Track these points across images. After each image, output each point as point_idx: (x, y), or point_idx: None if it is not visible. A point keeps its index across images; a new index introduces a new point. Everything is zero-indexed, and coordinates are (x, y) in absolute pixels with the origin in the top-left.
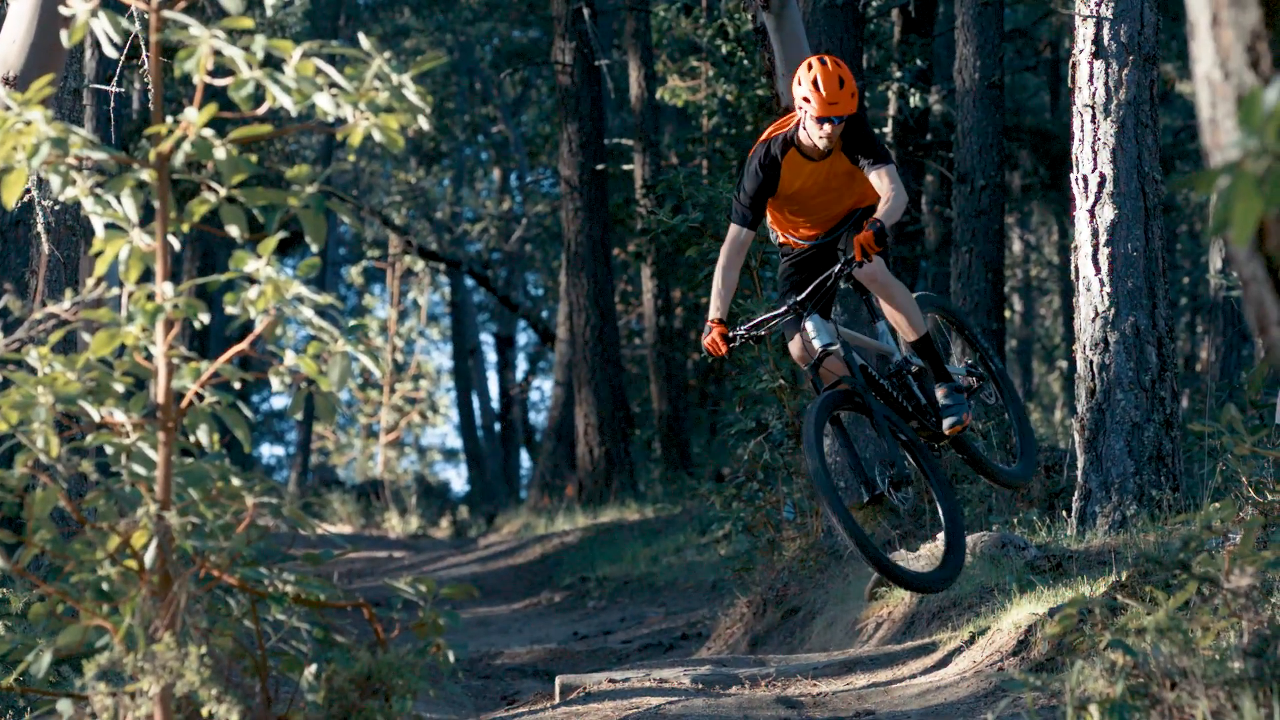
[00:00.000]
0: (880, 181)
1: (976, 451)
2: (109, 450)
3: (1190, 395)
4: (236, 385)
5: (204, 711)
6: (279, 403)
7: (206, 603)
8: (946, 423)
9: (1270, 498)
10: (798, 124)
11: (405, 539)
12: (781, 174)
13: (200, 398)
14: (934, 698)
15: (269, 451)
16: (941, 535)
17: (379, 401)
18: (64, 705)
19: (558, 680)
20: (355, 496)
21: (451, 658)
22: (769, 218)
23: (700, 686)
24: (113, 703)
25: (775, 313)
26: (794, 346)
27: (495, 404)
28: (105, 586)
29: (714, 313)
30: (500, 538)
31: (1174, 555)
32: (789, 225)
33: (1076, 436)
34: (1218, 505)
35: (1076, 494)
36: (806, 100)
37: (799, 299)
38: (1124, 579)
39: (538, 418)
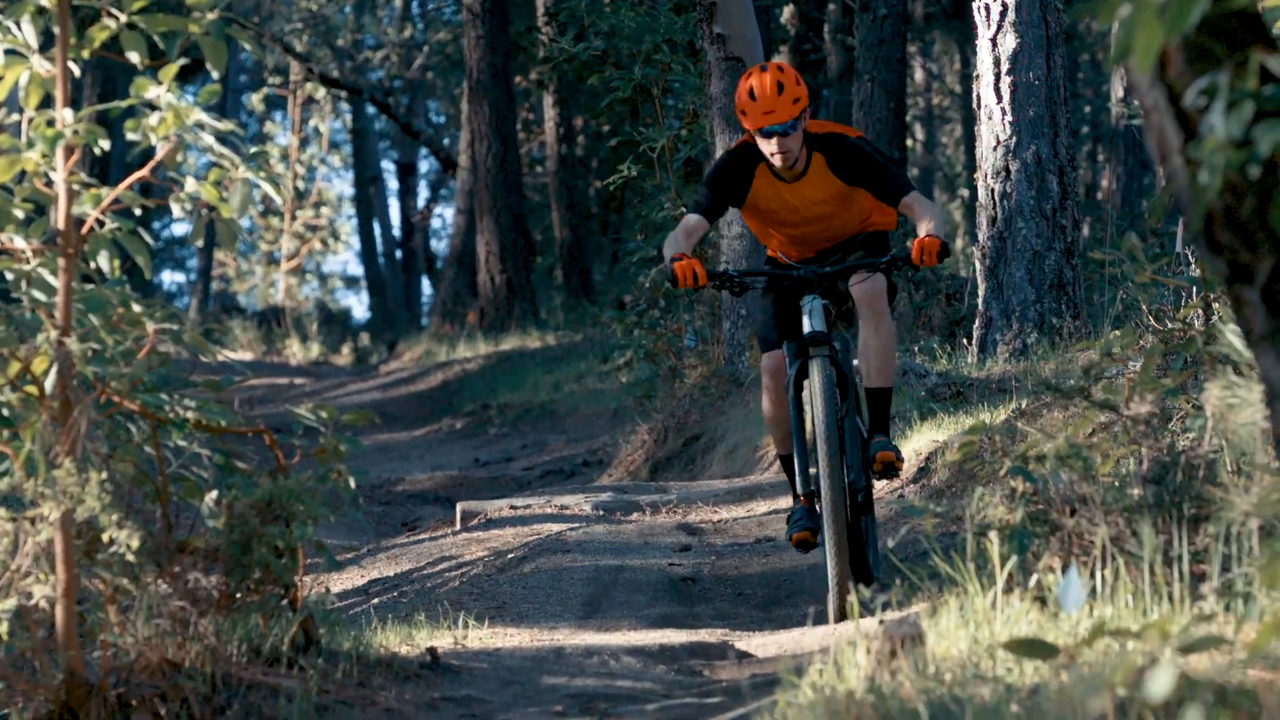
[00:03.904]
0: (914, 205)
1: (867, 528)
2: (9, 276)
3: (1091, 223)
4: (137, 211)
5: (104, 537)
6: (180, 229)
7: (107, 429)
8: (878, 454)
9: (1170, 325)
10: None
11: (306, 366)
12: (753, 184)
13: (101, 224)
14: None
15: (170, 278)
16: None
17: (280, 228)
18: None
19: (459, 507)
20: (256, 323)
21: (352, 484)
22: (750, 226)
23: (601, 513)
24: (13, 528)
25: (780, 272)
26: (773, 357)
27: (397, 231)
28: (5, 412)
29: (680, 251)
30: (401, 365)
31: (1074, 383)
32: (770, 240)
33: (977, 264)
34: (1118, 333)
35: (977, 322)
36: (743, 114)
37: (818, 269)
38: (1024, 406)
39: (439, 245)
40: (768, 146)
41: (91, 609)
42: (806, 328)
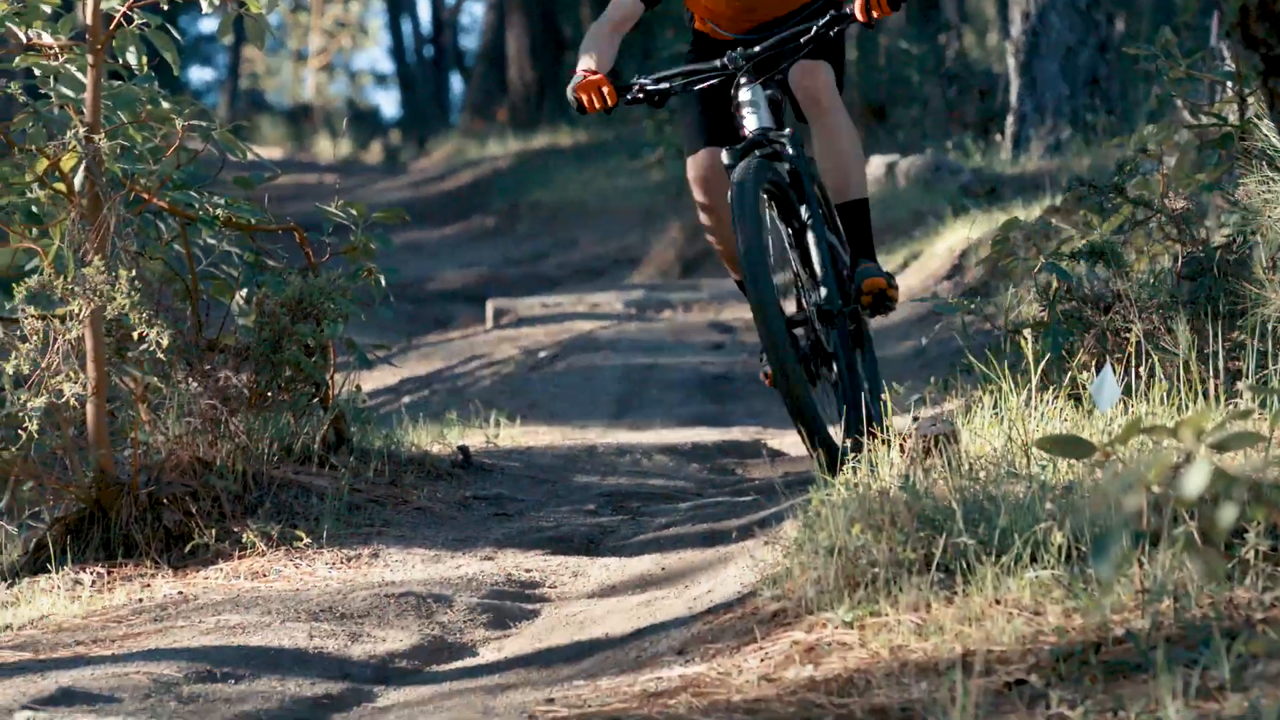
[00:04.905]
0: None
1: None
2: (37, 72)
3: (1125, 18)
4: (165, 7)
5: (135, 335)
6: (208, 25)
7: (136, 226)
8: (865, 281)
9: (1205, 120)
10: None
11: (336, 163)
12: None
13: (129, 19)
14: None
15: (198, 75)
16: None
17: (308, 24)
18: None
19: (490, 304)
20: (285, 120)
21: (383, 281)
22: None
23: (633, 311)
24: (43, 326)
25: (704, 67)
26: (698, 162)
27: (426, 27)
28: (34, 209)
29: (587, 64)
30: (431, 162)
31: (1108, 178)
32: (707, 9)
33: (1011, 60)
34: (1152, 128)
35: (1011, 118)
36: None
37: (748, 52)
38: (1058, 202)
39: (469, 41)
40: None
41: (122, 407)
42: (750, 125)
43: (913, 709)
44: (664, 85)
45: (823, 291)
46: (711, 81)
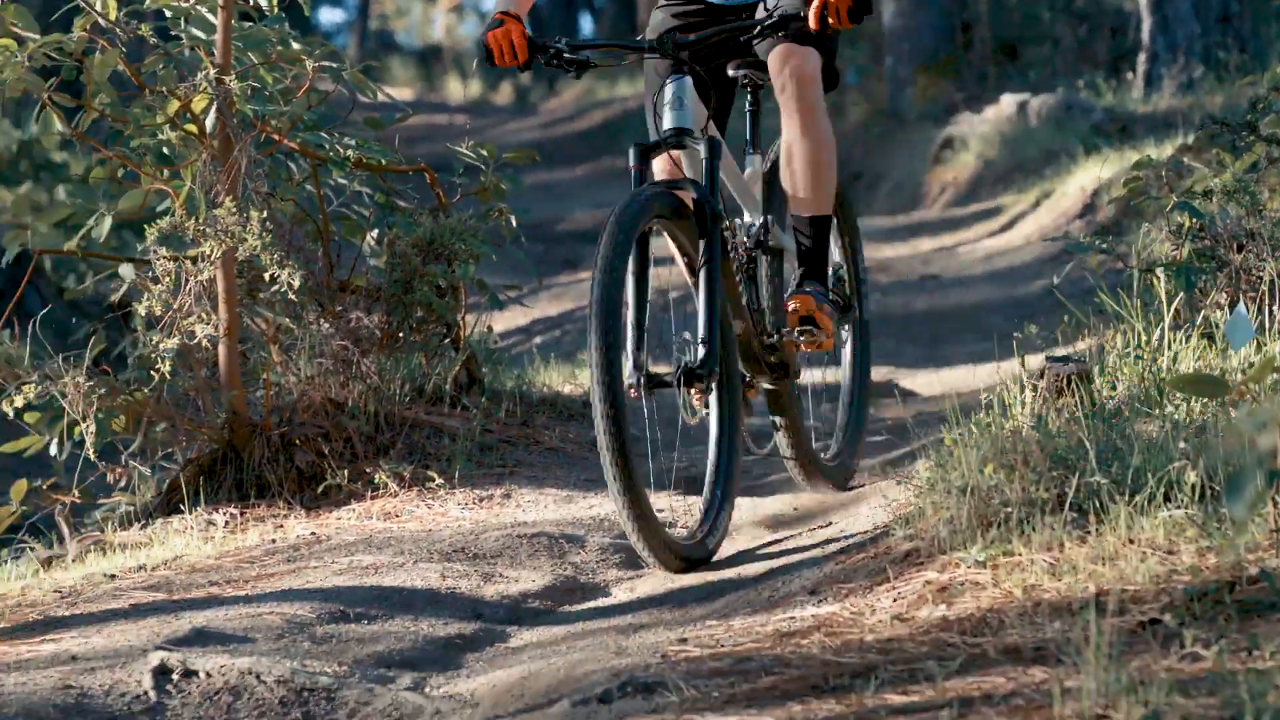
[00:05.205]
0: None
1: (794, 410)
2: (168, 14)
3: None
4: None
5: (266, 276)
6: None
7: (267, 167)
8: (792, 303)
9: None
10: None
11: (466, 104)
12: None
13: None
14: (999, 261)
15: (328, 17)
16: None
17: None
18: (126, 270)
19: None
20: (415, 61)
21: (514, 222)
22: None
23: None
24: (175, 267)
25: (629, 42)
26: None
27: None
28: (166, 151)
29: (502, 5)
30: (561, 103)
31: (1241, 117)
32: None
33: None
34: None
35: (1142, 56)
36: None
37: (682, 37)
38: (1190, 141)
39: None
40: None
41: (254, 348)
42: (667, 122)
43: (1046, 648)
44: (583, 54)
45: (700, 350)
46: (632, 58)
